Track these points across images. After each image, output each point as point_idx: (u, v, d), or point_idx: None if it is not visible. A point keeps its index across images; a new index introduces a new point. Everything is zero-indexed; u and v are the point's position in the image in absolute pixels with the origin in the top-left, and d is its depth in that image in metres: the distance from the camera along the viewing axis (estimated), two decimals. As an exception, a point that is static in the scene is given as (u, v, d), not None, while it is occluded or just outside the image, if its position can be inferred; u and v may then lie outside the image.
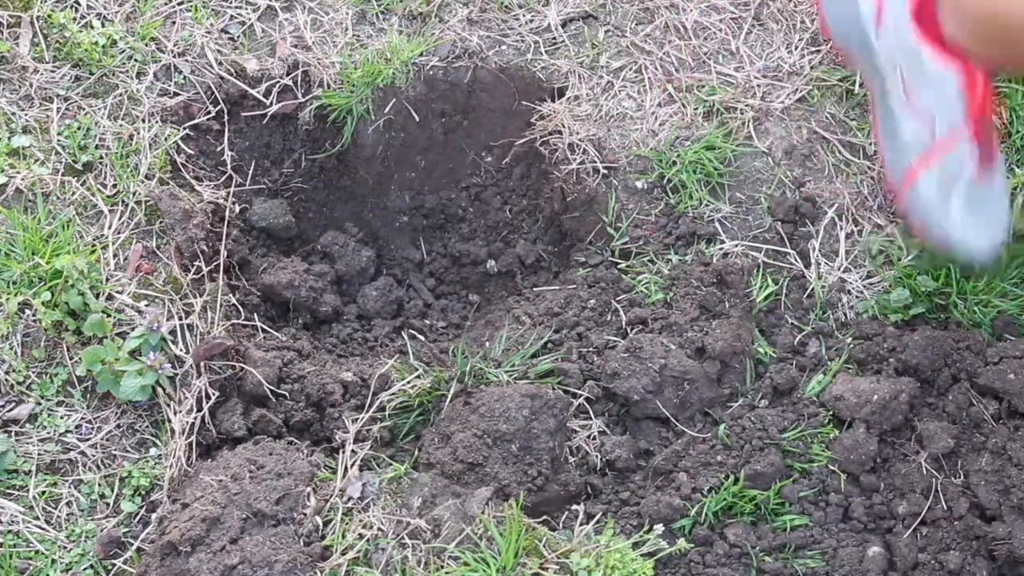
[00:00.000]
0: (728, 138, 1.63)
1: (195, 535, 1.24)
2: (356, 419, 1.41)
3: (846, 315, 1.54)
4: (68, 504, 1.35)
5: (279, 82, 1.65)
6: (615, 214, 1.58)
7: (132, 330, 1.41)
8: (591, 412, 1.46)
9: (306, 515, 1.28)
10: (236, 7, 1.69)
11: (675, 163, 1.60)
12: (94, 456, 1.38)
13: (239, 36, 1.67)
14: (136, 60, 1.60)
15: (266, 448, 1.35)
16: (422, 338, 1.56)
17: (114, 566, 1.32)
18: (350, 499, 1.31)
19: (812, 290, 1.55)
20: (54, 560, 1.31)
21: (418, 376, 1.45)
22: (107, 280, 1.45)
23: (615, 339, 1.50)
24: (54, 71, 1.57)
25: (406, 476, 1.34)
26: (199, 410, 1.39)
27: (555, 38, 1.71)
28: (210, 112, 1.61)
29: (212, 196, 1.55)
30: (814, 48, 1.70)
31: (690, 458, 1.42)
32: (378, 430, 1.42)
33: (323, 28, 1.70)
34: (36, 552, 1.32)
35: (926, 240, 1.47)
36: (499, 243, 1.75)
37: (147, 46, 1.61)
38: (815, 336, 1.52)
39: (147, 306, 1.44)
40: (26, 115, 1.54)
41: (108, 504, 1.36)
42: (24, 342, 1.41)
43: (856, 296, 1.55)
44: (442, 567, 1.25)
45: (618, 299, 1.53)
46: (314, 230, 1.73)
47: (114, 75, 1.58)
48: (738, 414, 1.46)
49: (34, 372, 1.40)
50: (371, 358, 1.54)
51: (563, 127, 1.63)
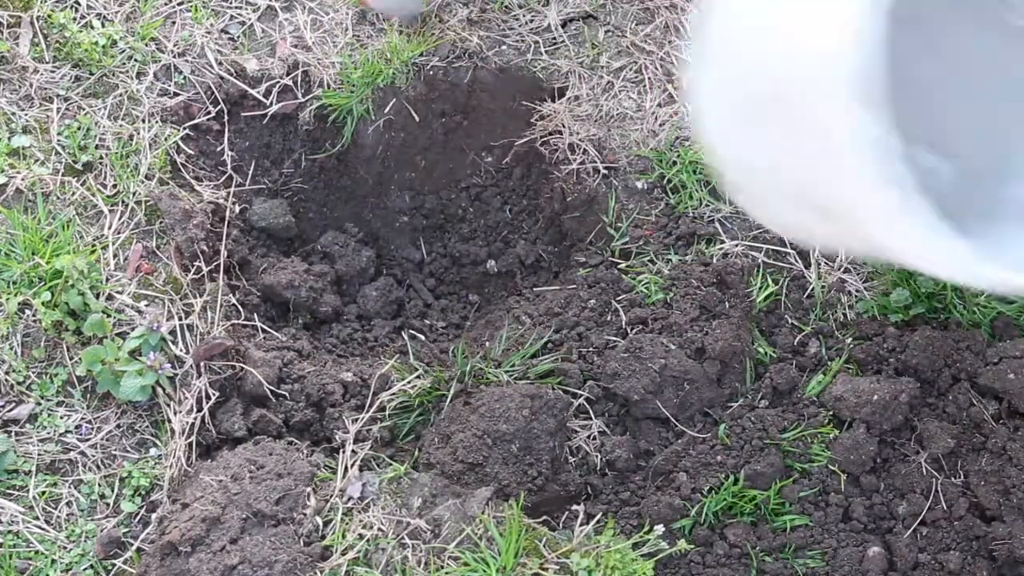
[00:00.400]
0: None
1: (195, 535, 1.24)
2: (356, 419, 1.41)
3: (846, 315, 1.54)
4: (68, 504, 1.35)
5: (279, 82, 1.65)
6: (615, 214, 1.58)
7: (132, 330, 1.41)
8: (591, 412, 1.46)
9: (306, 515, 1.28)
10: (236, 7, 1.69)
11: (675, 163, 1.60)
12: (94, 456, 1.38)
13: (239, 36, 1.67)
14: (136, 60, 1.60)
15: (266, 448, 1.35)
16: (422, 338, 1.56)
17: (114, 566, 1.32)
18: (350, 499, 1.31)
19: (812, 290, 1.55)
20: (54, 560, 1.31)
21: (418, 376, 1.45)
22: (107, 280, 1.45)
23: (615, 339, 1.50)
24: (54, 71, 1.57)
25: (406, 476, 1.34)
26: (199, 410, 1.39)
27: (555, 38, 1.71)
28: (210, 112, 1.61)
29: (212, 196, 1.55)
30: (814, 48, 1.70)
31: (690, 458, 1.42)
32: (378, 430, 1.42)
33: (323, 28, 1.70)
34: (36, 552, 1.32)
35: None
36: (499, 243, 1.75)
37: (147, 46, 1.61)
38: (815, 336, 1.52)
39: (147, 306, 1.44)
40: (26, 115, 1.54)
41: (108, 504, 1.36)
42: (24, 342, 1.41)
43: (856, 296, 1.55)
44: (442, 567, 1.25)
45: (618, 299, 1.53)
46: (314, 230, 1.73)
47: (114, 75, 1.58)
48: (738, 414, 1.46)
49: (34, 372, 1.40)
50: (371, 358, 1.54)
51: (563, 127, 1.63)
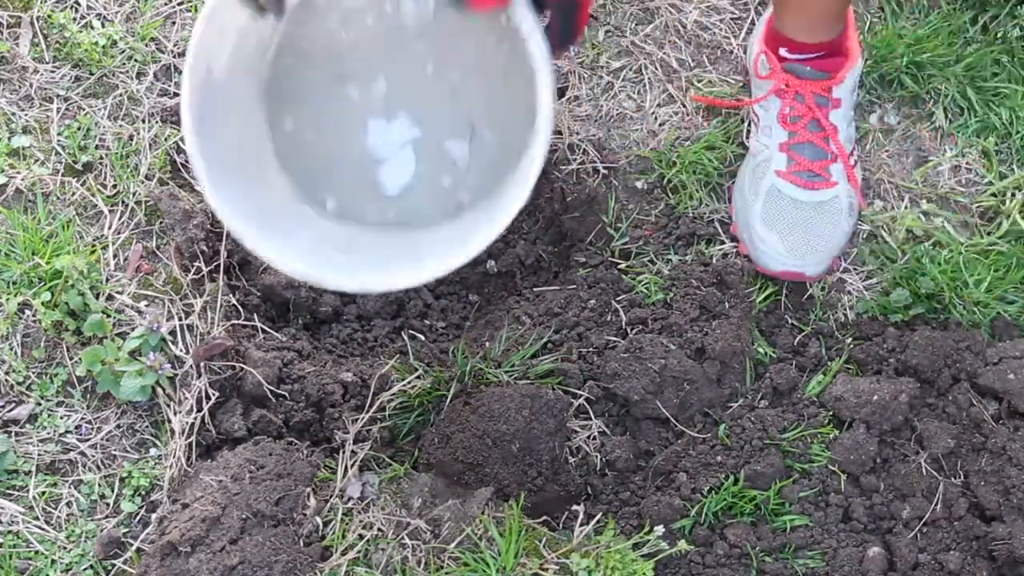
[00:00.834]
0: (728, 138, 1.63)
1: (195, 535, 1.24)
2: (356, 419, 1.41)
3: (846, 315, 1.55)
4: (68, 504, 1.35)
5: (279, 82, 1.65)
6: (615, 214, 1.58)
7: (132, 330, 1.41)
8: (591, 413, 1.46)
9: (306, 515, 1.28)
10: (236, 7, 1.68)
11: (675, 163, 1.60)
12: (94, 456, 1.38)
13: (239, 36, 1.67)
14: (136, 60, 1.60)
15: (266, 448, 1.35)
16: (422, 338, 1.56)
17: (114, 566, 1.32)
18: (350, 499, 1.31)
19: (812, 291, 1.55)
20: (54, 560, 1.31)
21: (418, 376, 1.45)
22: (107, 280, 1.45)
23: (615, 339, 1.50)
24: (54, 71, 1.57)
25: (406, 476, 1.34)
26: (199, 410, 1.39)
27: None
28: (210, 112, 1.61)
29: (212, 196, 1.55)
30: (814, 48, 1.70)
31: (690, 458, 1.42)
32: (378, 430, 1.42)
33: (323, 28, 1.70)
34: (36, 552, 1.32)
35: None
36: (499, 243, 1.74)
37: (147, 46, 1.61)
38: (815, 336, 1.52)
39: (147, 306, 1.44)
40: (26, 115, 1.54)
41: (108, 504, 1.36)
42: (24, 342, 1.41)
43: (856, 296, 1.56)
44: (442, 567, 1.25)
45: (618, 299, 1.53)
46: (314, 230, 1.73)
47: (114, 75, 1.58)
48: (738, 414, 1.46)
49: (34, 372, 1.40)
50: (371, 358, 1.53)
51: (563, 127, 1.63)
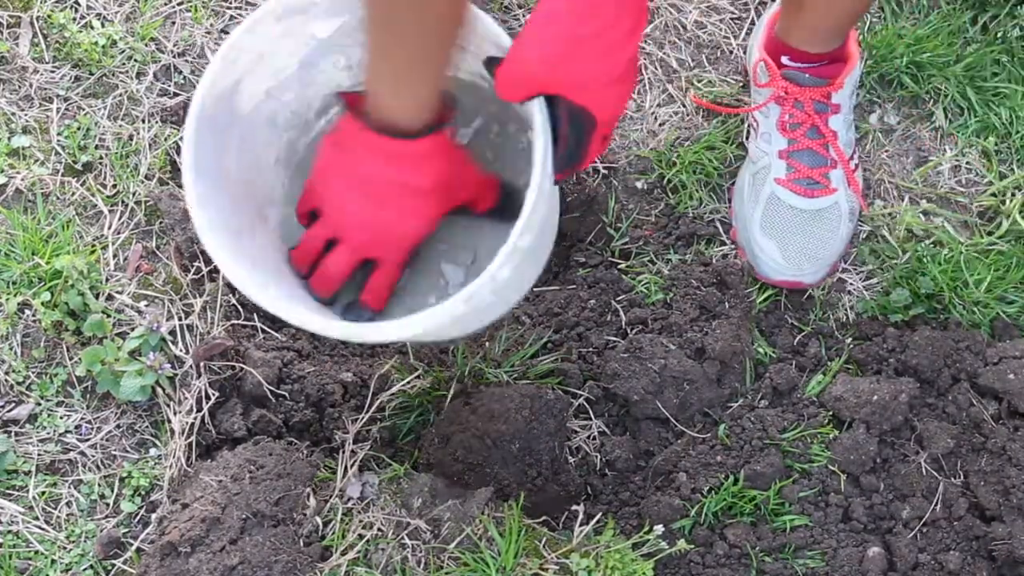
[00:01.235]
0: (728, 139, 1.63)
1: (195, 535, 1.24)
2: (356, 419, 1.41)
3: (846, 315, 1.55)
4: (68, 504, 1.35)
5: (279, 82, 1.65)
6: (615, 214, 1.58)
7: (132, 330, 1.41)
8: (591, 413, 1.46)
9: (306, 515, 1.28)
10: (236, 7, 1.68)
11: (675, 163, 1.60)
12: (94, 456, 1.38)
13: (239, 36, 1.67)
14: (136, 60, 1.60)
15: (266, 448, 1.35)
16: (422, 338, 1.56)
17: (114, 566, 1.32)
18: (350, 499, 1.31)
19: (812, 291, 1.55)
20: (54, 560, 1.31)
21: (418, 376, 1.45)
22: (107, 280, 1.45)
23: (615, 339, 1.50)
24: (54, 71, 1.57)
25: (406, 476, 1.34)
26: (199, 410, 1.38)
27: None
28: (210, 112, 1.61)
29: (212, 196, 1.55)
30: (814, 48, 1.70)
31: (690, 458, 1.42)
32: (378, 430, 1.42)
33: (323, 28, 1.70)
34: (36, 552, 1.32)
35: None
36: (499, 243, 1.74)
37: (147, 46, 1.61)
38: (815, 336, 1.52)
39: (147, 306, 1.44)
40: (26, 115, 1.54)
41: (108, 504, 1.36)
42: (24, 342, 1.41)
43: (856, 296, 1.56)
44: (442, 567, 1.25)
45: (618, 299, 1.53)
46: (314, 230, 1.73)
47: (114, 75, 1.58)
48: (738, 414, 1.46)
49: (34, 372, 1.40)
50: (371, 358, 1.53)
51: (563, 127, 1.62)
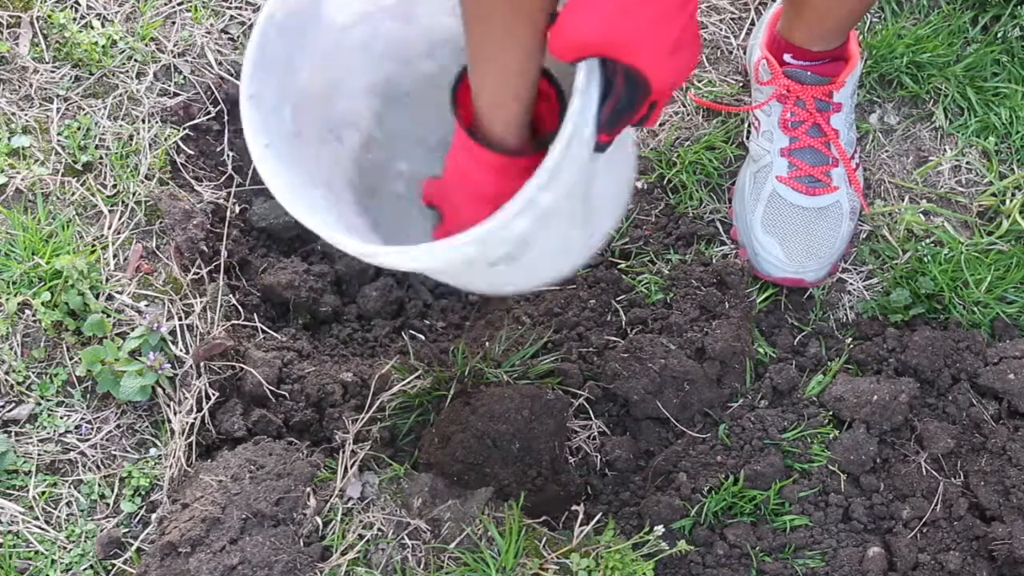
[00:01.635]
0: (728, 138, 1.63)
1: (195, 535, 1.24)
2: (356, 419, 1.41)
3: (846, 315, 1.55)
4: (68, 504, 1.35)
5: (279, 82, 1.65)
6: (615, 214, 1.58)
7: (132, 330, 1.41)
8: (591, 413, 1.46)
9: (306, 515, 1.28)
10: (236, 7, 1.69)
11: (675, 163, 1.60)
12: (94, 456, 1.38)
13: (239, 36, 1.67)
14: (136, 60, 1.60)
15: (266, 448, 1.35)
16: (422, 338, 1.56)
17: (114, 566, 1.32)
18: (350, 499, 1.31)
19: (812, 291, 1.55)
20: (54, 560, 1.31)
21: (418, 376, 1.45)
22: (107, 280, 1.45)
23: (615, 339, 1.50)
24: (54, 71, 1.57)
25: (406, 476, 1.34)
26: (199, 410, 1.39)
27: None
28: (210, 112, 1.61)
29: (212, 196, 1.55)
30: (814, 48, 1.70)
31: (690, 458, 1.42)
32: (378, 430, 1.42)
33: (323, 28, 1.70)
34: (36, 552, 1.32)
35: None
36: (499, 243, 1.74)
37: (147, 46, 1.61)
38: (815, 336, 1.52)
39: (147, 306, 1.44)
40: (26, 115, 1.54)
41: (108, 504, 1.36)
42: (24, 342, 1.41)
43: (856, 296, 1.56)
44: (442, 567, 1.25)
45: (618, 299, 1.53)
46: (314, 230, 1.73)
47: (114, 75, 1.58)
48: (738, 414, 1.46)
49: (34, 372, 1.40)
50: (371, 358, 1.54)
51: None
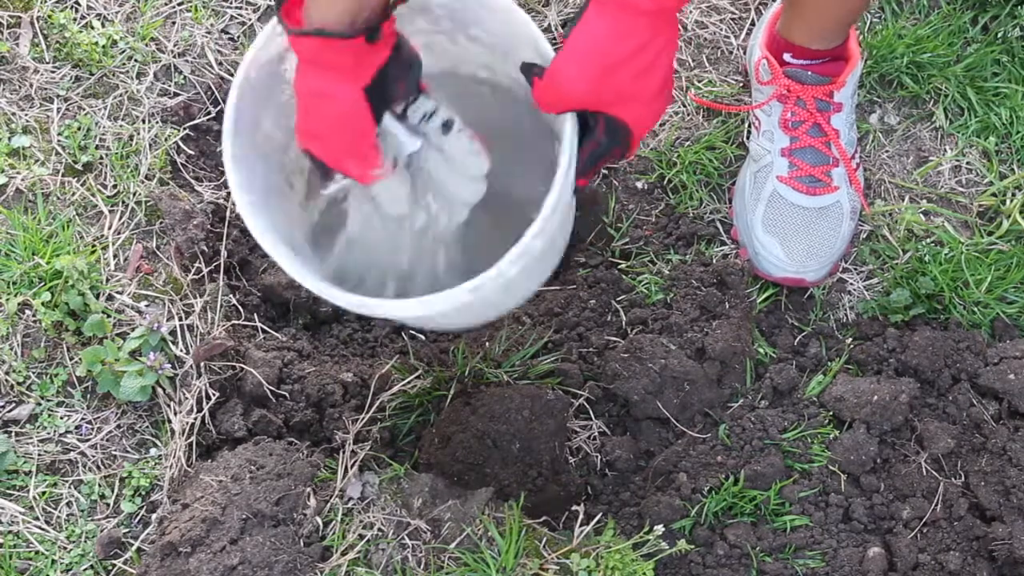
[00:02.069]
0: (728, 139, 1.63)
1: (195, 535, 1.24)
2: (356, 419, 1.41)
3: (846, 316, 1.55)
4: (68, 504, 1.35)
5: (279, 82, 1.65)
6: (615, 214, 1.58)
7: (132, 330, 1.41)
8: (591, 413, 1.46)
9: (306, 516, 1.28)
10: (236, 7, 1.69)
11: (675, 163, 1.60)
12: (94, 456, 1.38)
13: (239, 36, 1.67)
14: (136, 60, 1.60)
15: (266, 448, 1.35)
16: (422, 338, 1.56)
17: (114, 566, 1.32)
18: (350, 499, 1.31)
19: (812, 291, 1.55)
20: (54, 560, 1.31)
21: (418, 376, 1.45)
22: (107, 280, 1.45)
23: (615, 339, 1.50)
24: (54, 71, 1.57)
25: (406, 476, 1.34)
26: (199, 411, 1.39)
27: (554, 39, 1.70)
28: (210, 112, 1.61)
29: (212, 196, 1.55)
30: (814, 48, 1.70)
31: (690, 459, 1.42)
32: (378, 430, 1.42)
33: (323, 28, 1.69)
34: (36, 552, 1.32)
35: None
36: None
37: (147, 46, 1.61)
38: (815, 337, 1.52)
39: (147, 306, 1.44)
40: (26, 115, 1.54)
41: (108, 504, 1.36)
42: (24, 342, 1.41)
43: (856, 296, 1.55)
44: (442, 567, 1.25)
45: (618, 299, 1.53)
46: (314, 230, 1.73)
47: (114, 75, 1.58)
48: (738, 414, 1.45)
49: (34, 372, 1.40)
50: (371, 358, 1.54)
51: (563, 127, 1.63)
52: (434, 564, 1.26)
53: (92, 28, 1.60)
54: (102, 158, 1.53)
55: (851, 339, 1.51)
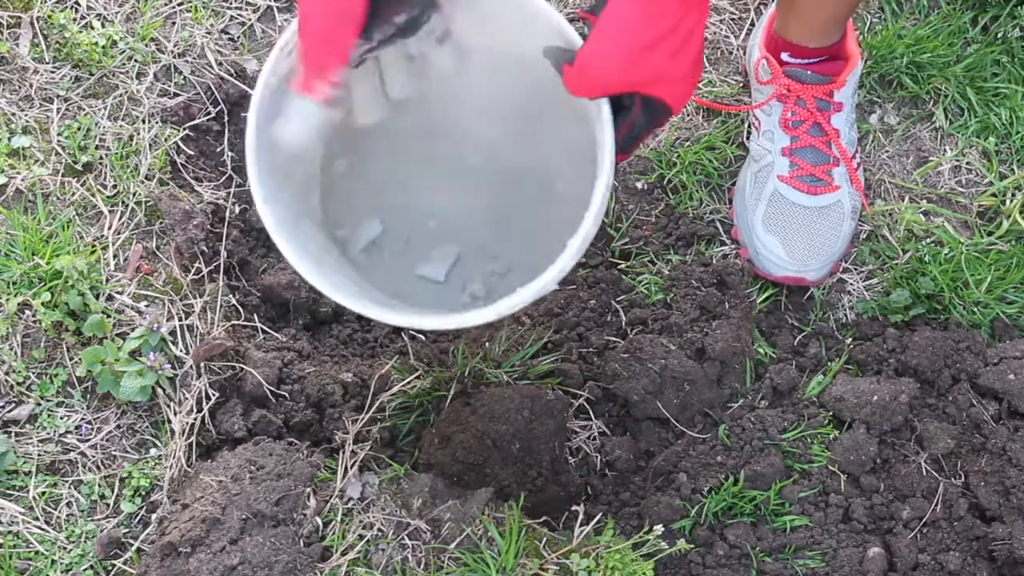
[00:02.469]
0: (728, 139, 1.63)
1: (195, 536, 1.24)
2: (356, 419, 1.41)
3: (846, 316, 1.55)
4: (68, 505, 1.35)
5: (279, 82, 1.65)
6: (615, 214, 1.58)
7: (132, 330, 1.41)
8: (591, 413, 1.46)
9: (306, 516, 1.28)
10: (236, 7, 1.69)
11: (675, 163, 1.60)
12: (94, 457, 1.38)
13: (239, 37, 1.67)
14: (136, 60, 1.60)
15: (266, 449, 1.35)
16: (422, 338, 1.56)
17: (114, 567, 1.32)
18: (350, 500, 1.31)
19: (812, 291, 1.55)
20: (54, 561, 1.31)
21: (418, 376, 1.45)
22: (107, 280, 1.45)
23: (615, 339, 1.50)
24: (54, 71, 1.57)
25: (406, 477, 1.34)
26: (199, 411, 1.39)
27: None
28: (210, 113, 1.61)
29: (212, 197, 1.55)
30: (814, 48, 1.70)
31: (690, 459, 1.42)
32: (378, 431, 1.42)
33: (323, 28, 1.69)
34: (36, 553, 1.32)
35: None
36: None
37: (147, 46, 1.61)
38: (815, 337, 1.52)
39: (147, 306, 1.44)
40: (26, 115, 1.53)
41: (108, 505, 1.36)
42: (24, 343, 1.41)
43: (856, 297, 1.56)
44: (442, 567, 1.25)
45: (618, 299, 1.53)
46: (314, 230, 1.73)
47: (114, 75, 1.58)
48: (738, 415, 1.46)
49: (34, 373, 1.40)
50: (371, 358, 1.54)
51: (563, 127, 1.63)
52: (434, 564, 1.26)
53: (92, 28, 1.60)
54: (102, 158, 1.53)
55: (851, 339, 1.51)
